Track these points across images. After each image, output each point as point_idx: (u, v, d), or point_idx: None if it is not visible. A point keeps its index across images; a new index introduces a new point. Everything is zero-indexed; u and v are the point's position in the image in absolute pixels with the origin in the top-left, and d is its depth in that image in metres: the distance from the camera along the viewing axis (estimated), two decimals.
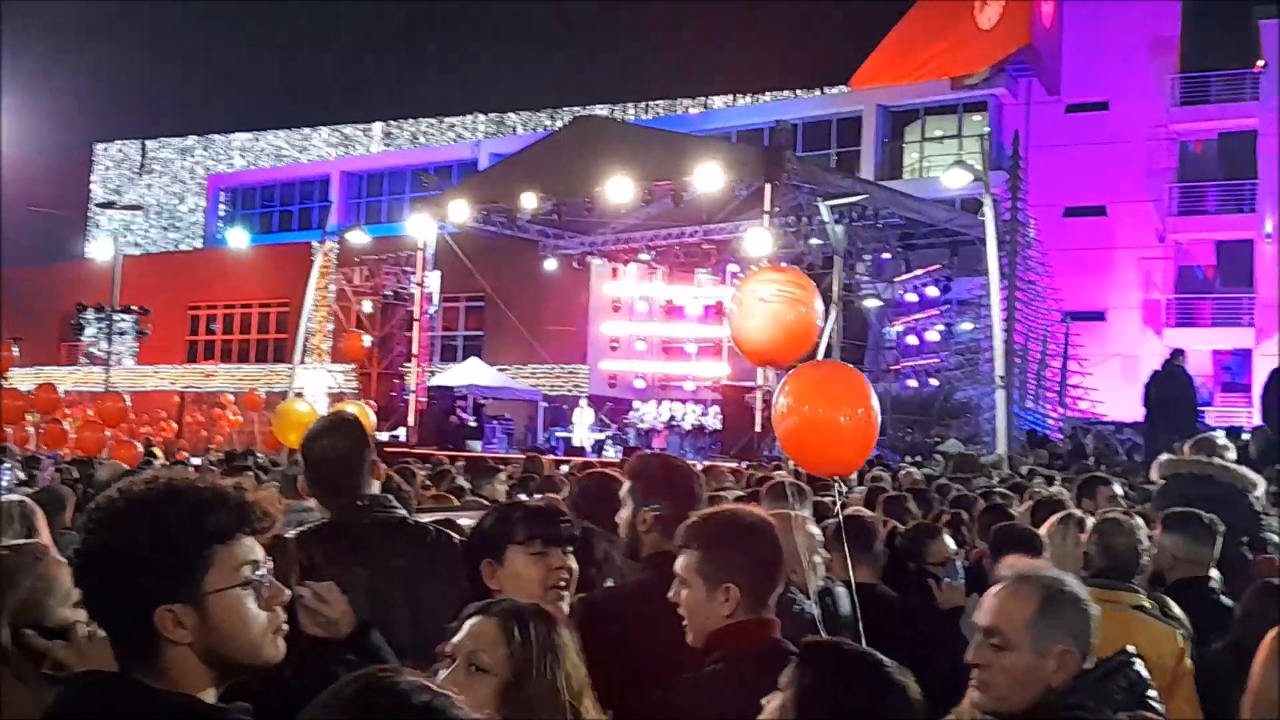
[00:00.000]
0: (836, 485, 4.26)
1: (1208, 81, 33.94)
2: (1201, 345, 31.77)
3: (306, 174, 48.47)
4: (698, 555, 2.87)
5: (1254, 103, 33.07)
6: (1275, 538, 6.51)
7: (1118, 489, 7.25)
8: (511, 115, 46.34)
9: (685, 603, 2.88)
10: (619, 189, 21.17)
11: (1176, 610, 4.42)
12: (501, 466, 9.92)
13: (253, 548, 1.98)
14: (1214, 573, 4.98)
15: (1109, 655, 2.69)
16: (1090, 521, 4.90)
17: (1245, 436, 15.08)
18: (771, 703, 2.17)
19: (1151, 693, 2.63)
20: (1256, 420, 17.34)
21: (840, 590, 4.39)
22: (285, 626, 2.01)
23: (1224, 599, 4.74)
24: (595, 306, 30.51)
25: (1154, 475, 7.34)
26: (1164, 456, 7.37)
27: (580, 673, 2.33)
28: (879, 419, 3.89)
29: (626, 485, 3.56)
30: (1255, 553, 6.33)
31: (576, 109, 41.83)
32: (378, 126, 49.38)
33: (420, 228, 26.00)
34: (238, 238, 36.89)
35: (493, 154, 39.53)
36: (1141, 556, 4.47)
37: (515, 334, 28.86)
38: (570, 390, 30.29)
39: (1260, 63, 33.01)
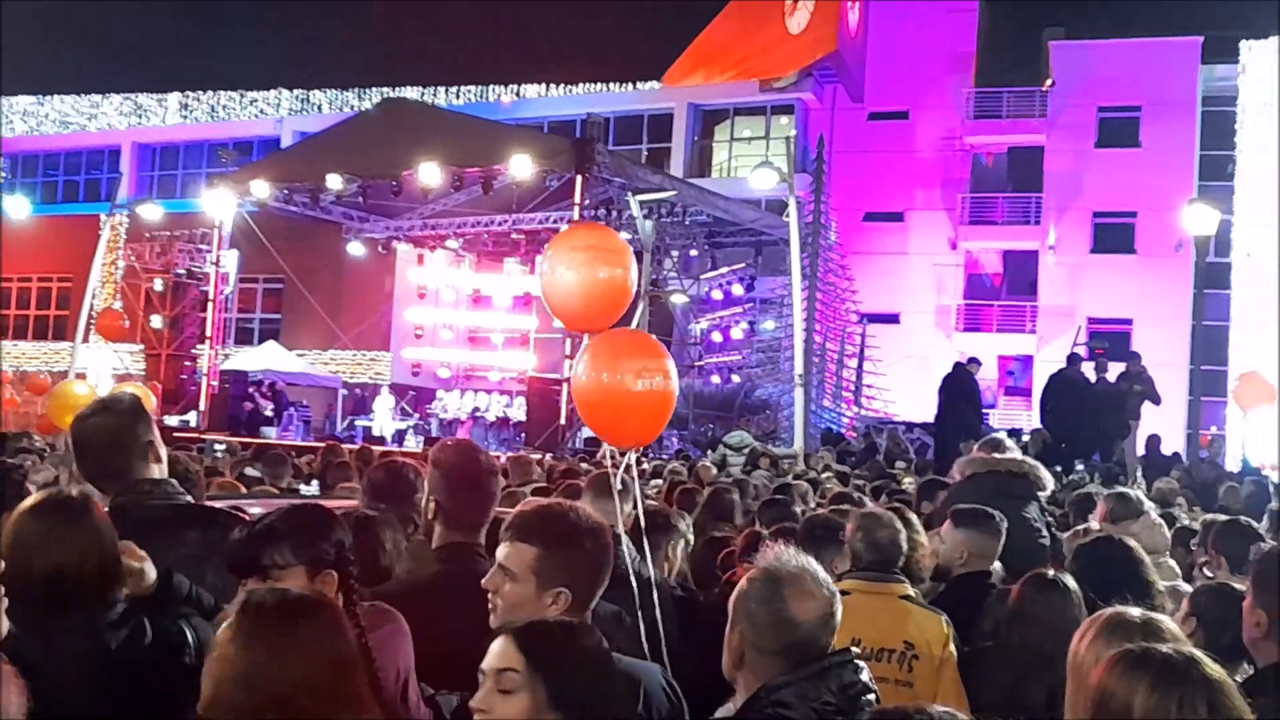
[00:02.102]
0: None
1: (1000, 97, 35.58)
2: (987, 350, 33.29)
3: (95, 143, 46.05)
4: (535, 552, 2.74)
5: (1042, 119, 34.82)
6: (1047, 535, 6.78)
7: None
8: (317, 93, 45.00)
9: (509, 595, 2.74)
10: (428, 173, 20.81)
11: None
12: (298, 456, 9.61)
13: None
14: (996, 565, 5.17)
15: (835, 651, 2.65)
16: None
17: (1025, 438, 15.87)
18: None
19: (869, 696, 2.58)
20: (1035, 423, 18.25)
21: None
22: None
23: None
24: (400, 293, 29.92)
25: (955, 474, 7.53)
26: (973, 454, 7.56)
27: (325, 674, 2.13)
28: (676, 389, 3.72)
29: (427, 472, 3.55)
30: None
31: (385, 90, 41.01)
32: (173, 96, 47.24)
33: (217, 204, 24.97)
34: (17, 207, 34.58)
35: (296, 131, 38.42)
36: (902, 548, 4.57)
37: (315, 318, 28.09)
38: (372, 378, 29.69)
39: (1049, 82, 34.76)
